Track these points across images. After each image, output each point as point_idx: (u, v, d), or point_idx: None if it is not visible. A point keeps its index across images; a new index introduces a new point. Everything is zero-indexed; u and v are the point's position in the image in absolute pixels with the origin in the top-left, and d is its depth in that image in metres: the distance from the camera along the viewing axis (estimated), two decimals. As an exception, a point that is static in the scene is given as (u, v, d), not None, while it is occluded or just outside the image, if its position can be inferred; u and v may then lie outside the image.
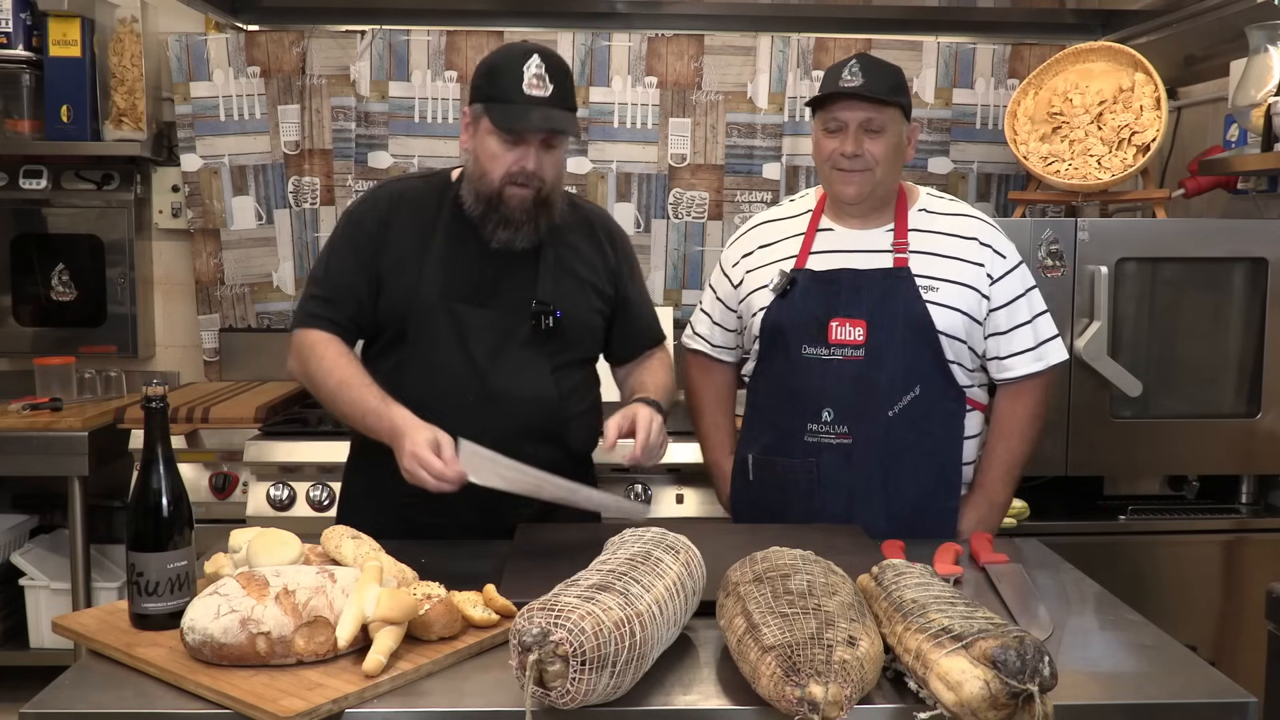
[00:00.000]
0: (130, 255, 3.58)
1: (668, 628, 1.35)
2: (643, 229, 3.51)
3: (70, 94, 3.31)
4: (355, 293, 2.04)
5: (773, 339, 2.15)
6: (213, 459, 3.07)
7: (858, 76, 2.05)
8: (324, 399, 2.04)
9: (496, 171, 1.97)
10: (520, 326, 2.03)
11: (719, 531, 1.94)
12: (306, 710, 1.24)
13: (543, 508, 2.05)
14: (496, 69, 1.97)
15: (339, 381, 1.97)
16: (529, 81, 1.94)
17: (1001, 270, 2.12)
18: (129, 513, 1.50)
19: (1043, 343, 2.15)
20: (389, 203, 2.08)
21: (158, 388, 1.52)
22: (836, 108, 2.08)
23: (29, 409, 3.23)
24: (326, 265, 2.10)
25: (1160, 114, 2.93)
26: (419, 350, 2.01)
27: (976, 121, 3.50)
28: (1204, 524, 2.88)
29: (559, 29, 3.47)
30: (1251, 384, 2.87)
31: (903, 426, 2.08)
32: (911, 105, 2.16)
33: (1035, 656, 1.19)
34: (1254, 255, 2.82)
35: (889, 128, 2.08)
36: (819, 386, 2.09)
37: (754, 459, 2.21)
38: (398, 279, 2.03)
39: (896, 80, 2.11)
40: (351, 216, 2.12)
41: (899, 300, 2.07)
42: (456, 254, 2.03)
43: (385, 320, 2.05)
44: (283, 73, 3.47)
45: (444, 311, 2.01)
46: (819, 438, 2.10)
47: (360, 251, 2.05)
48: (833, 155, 2.10)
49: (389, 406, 1.90)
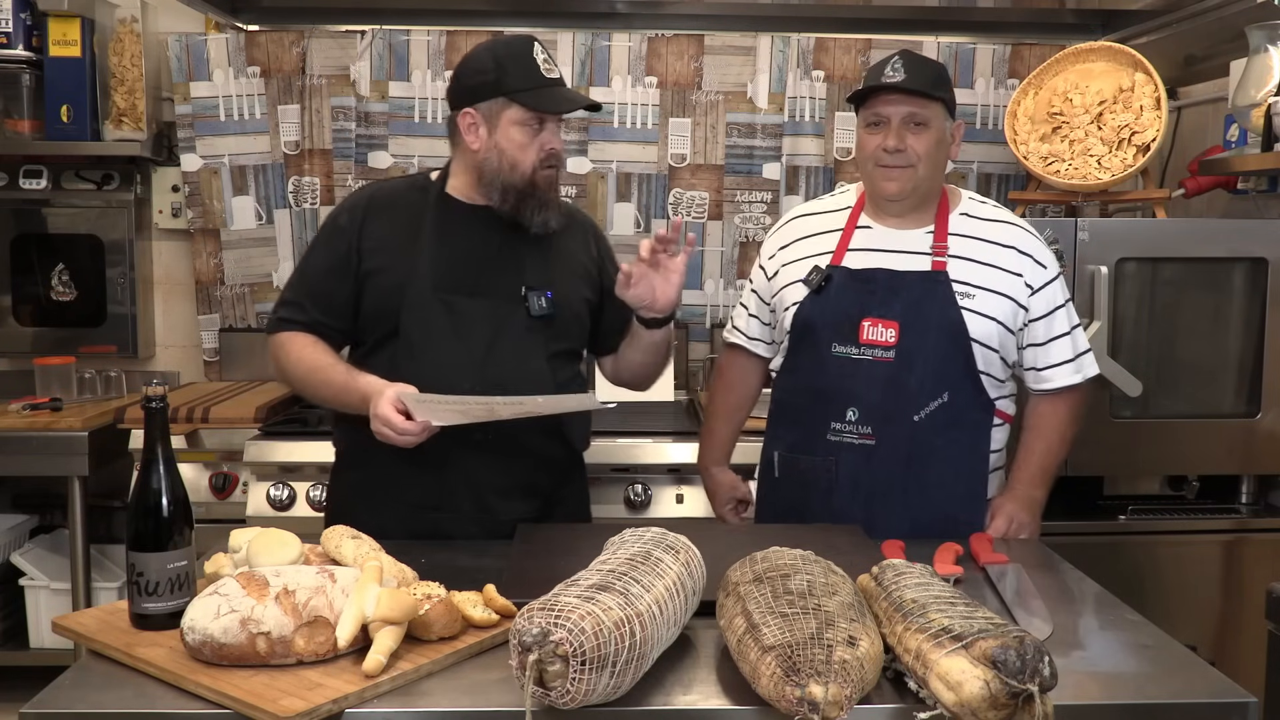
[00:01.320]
0: (130, 255, 3.58)
1: (668, 628, 1.35)
2: (643, 229, 3.51)
3: (70, 94, 3.31)
4: (330, 293, 2.05)
5: (803, 335, 2.12)
6: (213, 459, 3.08)
7: (900, 72, 2.02)
8: (301, 390, 2.09)
9: (528, 159, 1.99)
10: (514, 315, 2.03)
11: (719, 531, 1.94)
12: (306, 710, 1.24)
13: (539, 508, 2.05)
14: (505, 61, 1.98)
15: (308, 369, 2.02)
16: (543, 66, 1.98)
17: (1042, 280, 2.09)
18: (129, 513, 1.50)
19: (1080, 355, 2.13)
20: (368, 203, 2.09)
21: (158, 388, 1.52)
22: (878, 103, 2.06)
23: (29, 409, 3.23)
24: (302, 269, 2.12)
25: (1160, 114, 2.92)
26: (413, 344, 2.01)
27: (976, 121, 3.50)
28: (1204, 524, 2.87)
29: (559, 29, 3.47)
30: (1251, 384, 2.86)
31: (928, 432, 2.05)
32: (955, 102, 2.12)
33: (1035, 656, 1.19)
34: (1254, 255, 2.82)
35: (932, 123, 2.05)
36: (847, 386, 2.07)
37: (780, 456, 2.18)
38: (386, 275, 2.03)
39: (939, 75, 2.09)
40: (329, 219, 2.13)
41: (934, 304, 2.04)
42: (446, 248, 2.03)
43: (375, 318, 2.05)
44: (283, 73, 3.47)
45: (438, 303, 2.01)
46: (841, 437, 2.07)
47: (336, 252, 2.05)
48: (875, 151, 2.07)
49: (355, 378, 1.95)
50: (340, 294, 2.05)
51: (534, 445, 2.06)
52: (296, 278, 2.13)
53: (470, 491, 2.03)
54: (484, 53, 2.04)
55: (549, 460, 2.10)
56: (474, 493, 2.03)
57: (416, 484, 2.01)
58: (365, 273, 2.03)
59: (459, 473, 2.02)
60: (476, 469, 2.02)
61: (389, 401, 1.85)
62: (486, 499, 2.03)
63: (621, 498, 2.95)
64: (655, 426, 3.04)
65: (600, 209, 3.49)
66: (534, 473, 2.08)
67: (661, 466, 2.90)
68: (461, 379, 1.98)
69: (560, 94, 2.01)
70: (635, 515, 2.93)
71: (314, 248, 2.13)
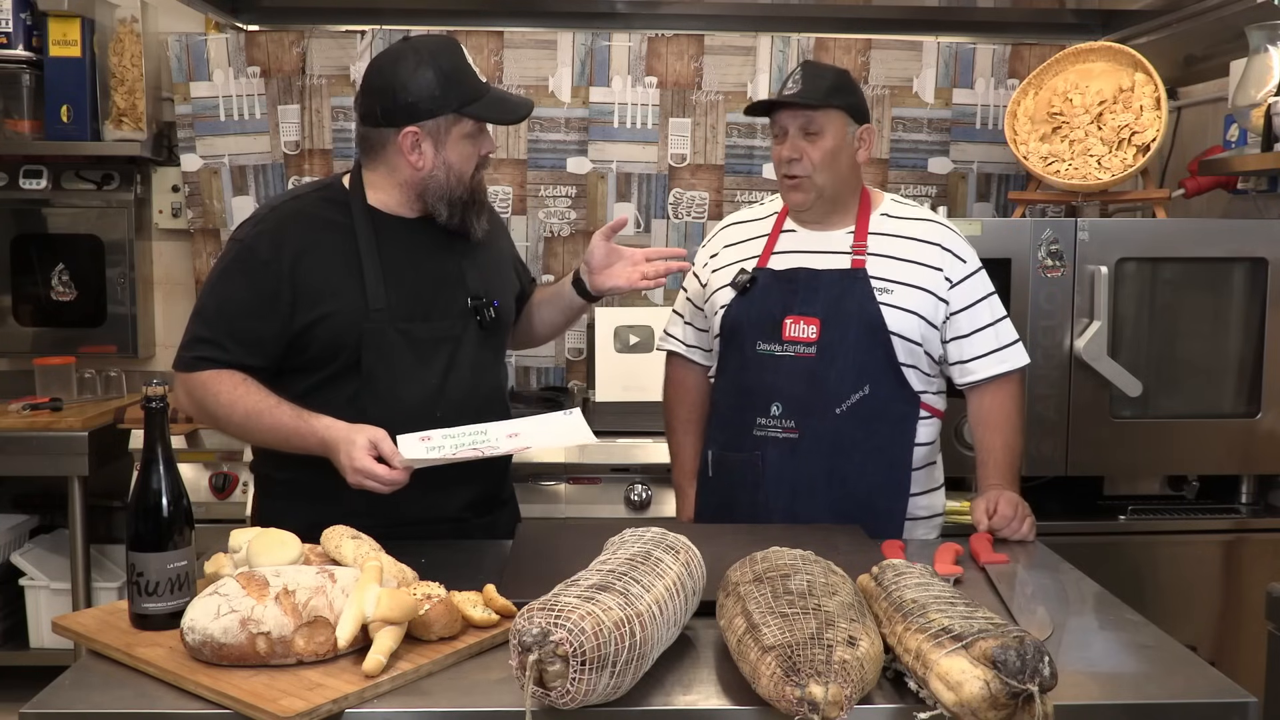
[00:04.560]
0: (130, 255, 3.58)
1: (668, 628, 1.35)
2: (643, 229, 3.50)
3: (70, 94, 3.31)
4: (255, 332, 1.89)
5: (731, 336, 2.18)
6: (213, 459, 3.08)
7: (798, 84, 2.10)
8: (238, 434, 1.95)
9: (470, 169, 1.95)
10: (463, 330, 2.00)
11: (719, 532, 1.94)
12: (306, 710, 1.24)
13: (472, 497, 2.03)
14: (451, 74, 1.89)
15: (246, 413, 1.86)
16: (477, 72, 1.94)
17: (961, 274, 2.13)
18: (129, 513, 1.50)
19: (1005, 346, 2.16)
20: (285, 225, 1.93)
21: (158, 388, 1.52)
22: (778, 116, 2.14)
23: (29, 409, 3.23)
24: (218, 305, 1.91)
25: (1160, 114, 2.92)
26: (377, 378, 1.91)
27: (976, 121, 3.50)
28: (1204, 524, 2.87)
29: (559, 29, 3.47)
30: (1251, 384, 2.86)
31: (851, 424, 2.09)
32: (863, 105, 2.17)
33: (1035, 656, 1.19)
34: (1254, 255, 2.82)
35: (827, 130, 2.11)
36: (770, 382, 2.12)
37: (712, 455, 2.24)
38: (335, 311, 1.89)
39: (837, 82, 2.14)
40: (243, 245, 1.92)
41: (853, 300, 2.09)
42: (390, 271, 1.94)
43: (325, 352, 1.91)
44: (283, 73, 3.46)
45: (395, 334, 1.93)
46: (766, 432, 2.12)
47: (261, 290, 1.88)
48: (778, 162, 2.15)
49: (309, 421, 1.83)
50: (268, 333, 1.89)
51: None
52: (212, 313, 1.91)
53: (408, 512, 1.89)
54: (416, 65, 1.88)
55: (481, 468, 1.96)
56: (411, 513, 1.90)
57: (350, 508, 1.80)
58: (311, 310, 1.88)
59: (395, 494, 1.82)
60: (412, 488, 1.83)
61: (365, 451, 1.74)
62: (426, 517, 1.93)
63: (621, 498, 2.95)
64: (655, 426, 3.03)
65: (600, 209, 3.49)
66: (467, 488, 2.01)
67: (661, 466, 2.90)
68: (428, 407, 1.92)
69: (507, 101, 1.98)
70: (635, 515, 2.93)
71: (228, 279, 1.91)
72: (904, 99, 3.47)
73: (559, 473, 2.96)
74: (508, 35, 3.42)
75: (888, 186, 3.45)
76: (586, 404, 3.18)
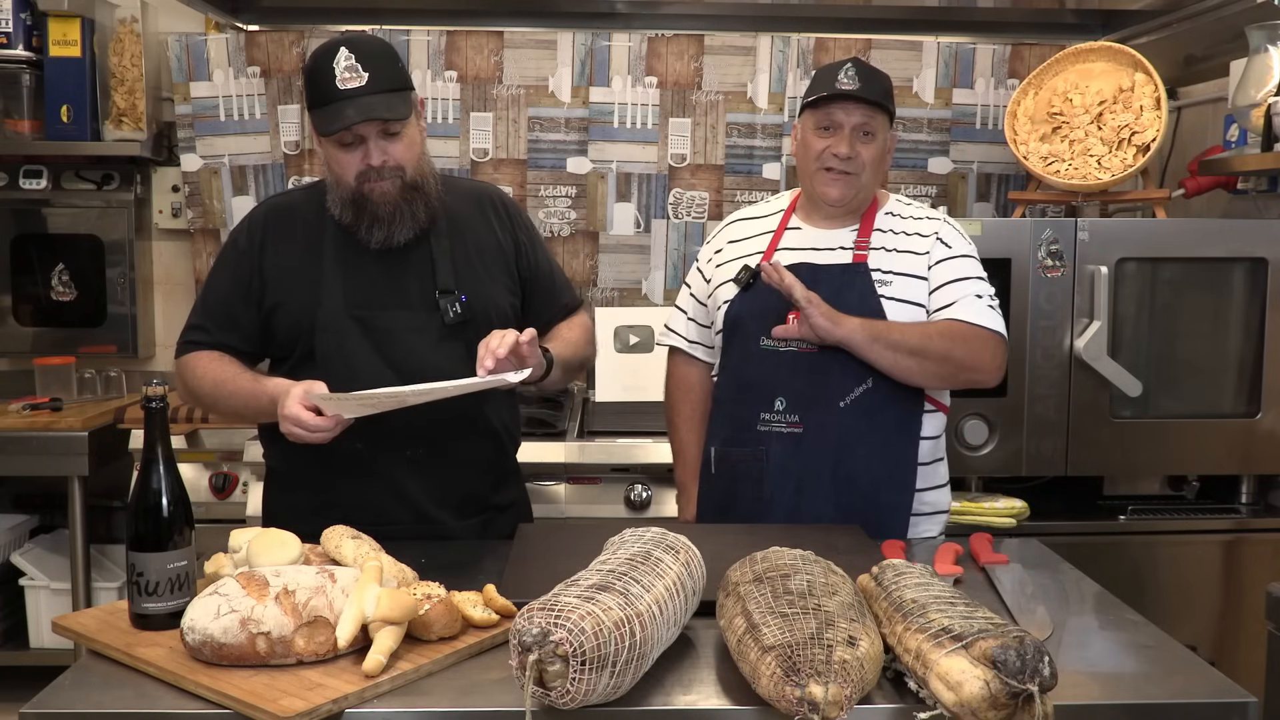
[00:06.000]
0: (130, 255, 3.58)
1: (668, 628, 1.35)
2: (643, 229, 3.51)
3: (70, 94, 3.31)
4: (233, 316, 2.00)
5: (733, 331, 2.18)
6: (213, 459, 3.08)
7: (854, 80, 2.09)
8: (213, 407, 2.03)
9: (348, 175, 1.92)
10: (430, 323, 1.98)
11: (719, 531, 1.94)
12: (306, 710, 1.24)
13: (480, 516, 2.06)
14: (311, 73, 1.91)
15: (214, 382, 1.96)
16: (341, 76, 1.86)
17: (942, 255, 2.12)
18: (129, 513, 1.50)
19: (988, 309, 2.07)
20: (265, 219, 2.03)
21: (158, 388, 1.52)
22: (833, 109, 2.11)
23: (29, 409, 3.23)
24: (204, 294, 2.06)
25: (1160, 114, 2.93)
26: (334, 367, 1.93)
27: (976, 121, 3.50)
28: (1204, 524, 2.88)
29: (559, 29, 3.47)
30: (1251, 384, 2.87)
31: (855, 417, 2.09)
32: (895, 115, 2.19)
33: (1035, 656, 1.19)
34: (1254, 255, 2.82)
35: (879, 133, 2.13)
36: (773, 377, 2.12)
37: (715, 451, 2.23)
38: (292, 296, 1.97)
39: (887, 86, 2.15)
40: (230, 239, 2.07)
41: (854, 294, 2.09)
42: (351, 262, 1.97)
43: (287, 340, 1.99)
44: (283, 73, 3.46)
45: (351, 321, 1.95)
46: (770, 426, 2.12)
47: (238, 276, 2.00)
48: (823, 155, 2.12)
49: (262, 382, 1.91)
50: (245, 318, 1.99)
51: (464, 451, 2.02)
52: (199, 302, 2.06)
53: (406, 504, 1.98)
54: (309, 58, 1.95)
55: (480, 458, 2.06)
56: (410, 505, 1.98)
57: (352, 501, 1.94)
58: (272, 298, 1.97)
59: (391, 485, 1.97)
60: (408, 479, 1.98)
61: (296, 400, 1.79)
62: (424, 509, 1.99)
63: (621, 498, 2.95)
64: (655, 426, 3.04)
65: (600, 209, 3.50)
66: (469, 479, 2.04)
67: (661, 466, 2.90)
68: None
69: (346, 109, 1.85)
70: (635, 515, 2.93)
71: (216, 270, 2.06)
72: (904, 99, 3.46)
73: (559, 473, 2.96)
74: (508, 35, 3.42)
75: (887, 186, 3.45)
76: (587, 404, 3.18)
